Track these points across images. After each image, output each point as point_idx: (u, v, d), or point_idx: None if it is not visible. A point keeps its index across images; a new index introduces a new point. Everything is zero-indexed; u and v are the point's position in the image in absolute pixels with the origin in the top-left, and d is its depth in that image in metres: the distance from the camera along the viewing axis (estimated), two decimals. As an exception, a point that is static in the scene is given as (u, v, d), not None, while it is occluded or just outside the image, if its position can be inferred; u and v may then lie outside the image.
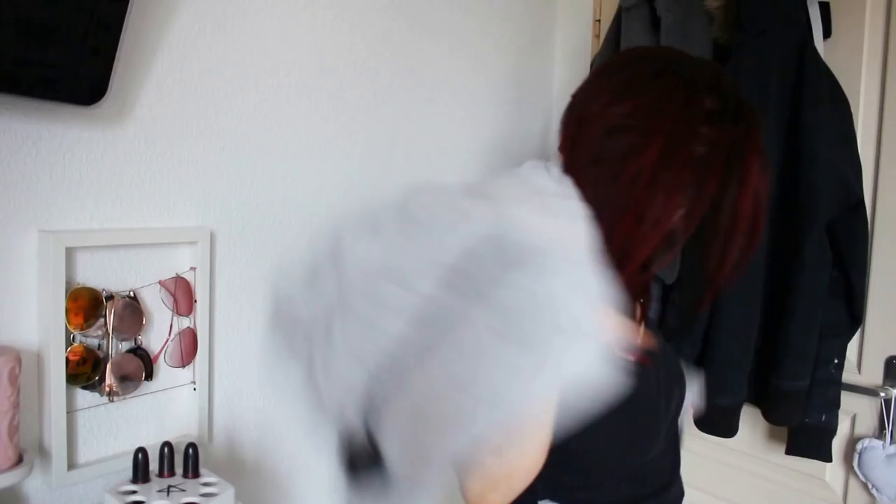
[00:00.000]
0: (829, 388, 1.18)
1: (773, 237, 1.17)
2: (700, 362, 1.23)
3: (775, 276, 1.18)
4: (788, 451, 1.23)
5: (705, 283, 0.70)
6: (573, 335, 0.49)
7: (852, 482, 1.25)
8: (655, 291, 1.30)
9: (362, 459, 0.57)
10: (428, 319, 0.51)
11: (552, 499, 0.67)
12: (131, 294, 0.89)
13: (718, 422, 1.22)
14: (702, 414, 1.19)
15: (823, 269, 1.14)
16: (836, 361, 1.18)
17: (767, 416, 1.21)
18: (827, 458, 1.20)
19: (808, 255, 1.13)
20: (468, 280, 0.51)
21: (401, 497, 0.53)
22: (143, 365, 0.89)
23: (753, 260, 1.14)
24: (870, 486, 1.20)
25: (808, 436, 1.20)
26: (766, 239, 1.17)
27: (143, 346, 0.91)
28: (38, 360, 0.82)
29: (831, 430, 1.19)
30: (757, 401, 1.23)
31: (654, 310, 1.29)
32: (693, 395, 0.81)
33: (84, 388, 0.85)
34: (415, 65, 1.26)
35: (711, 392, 1.19)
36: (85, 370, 0.84)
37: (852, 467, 1.22)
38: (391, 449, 0.53)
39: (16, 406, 0.74)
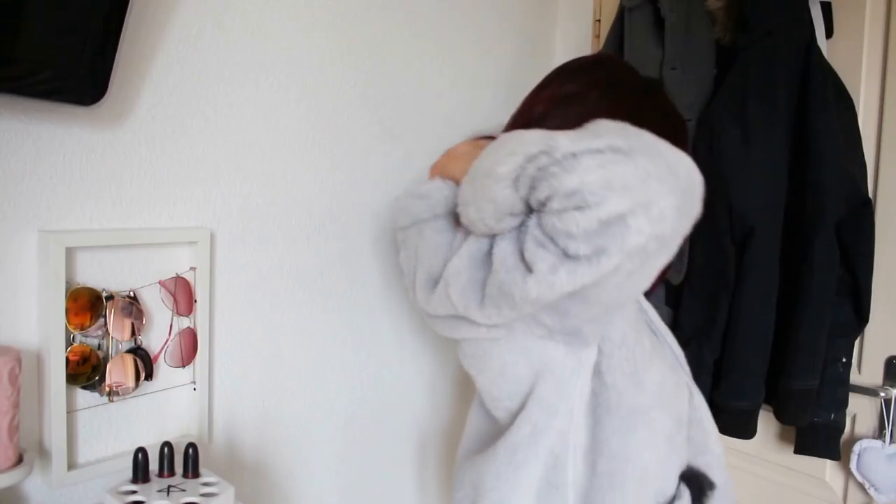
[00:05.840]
0: (837, 387, 1.18)
1: (782, 238, 1.17)
2: (718, 365, 1.23)
3: (785, 277, 1.18)
4: (797, 451, 1.23)
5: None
6: None
7: (852, 482, 1.25)
8: (662, 294, 1.30)
9: None
10: None
11: None
12: (131, 294, 0.89)
13: (738, 424, 1.22)
14: (722, 417, 1.19)
15: (832, 270, 1.14)
16: (843, 360, 1.18)
17: (778, 416, 1.21)
18: (835, 456, 1.20)
19: (818, 255, 1.13)
20: None
21: None
22: (143, 365, 0.89)
23: (769, 260, 1.15)
24: (867, 486, 1.20)
25: (816, 435, 1.20)
26: (777, 241, 1.17)
27: (143, 346, 0.91)
28: (38, 360, 0.82)
29: (839, 429, 1.19)
30: (767, 401, 1.22)
31: (665, 314, 1.29)
32: None
33: (84, 388, 0.85)
34: (415, 65, 1.26)
35: (732, 395, 1.19)
36: (85, 370, 0.84)
37: (849, 468, 1.23)
38: None
39: (16, 406, 0.74)
